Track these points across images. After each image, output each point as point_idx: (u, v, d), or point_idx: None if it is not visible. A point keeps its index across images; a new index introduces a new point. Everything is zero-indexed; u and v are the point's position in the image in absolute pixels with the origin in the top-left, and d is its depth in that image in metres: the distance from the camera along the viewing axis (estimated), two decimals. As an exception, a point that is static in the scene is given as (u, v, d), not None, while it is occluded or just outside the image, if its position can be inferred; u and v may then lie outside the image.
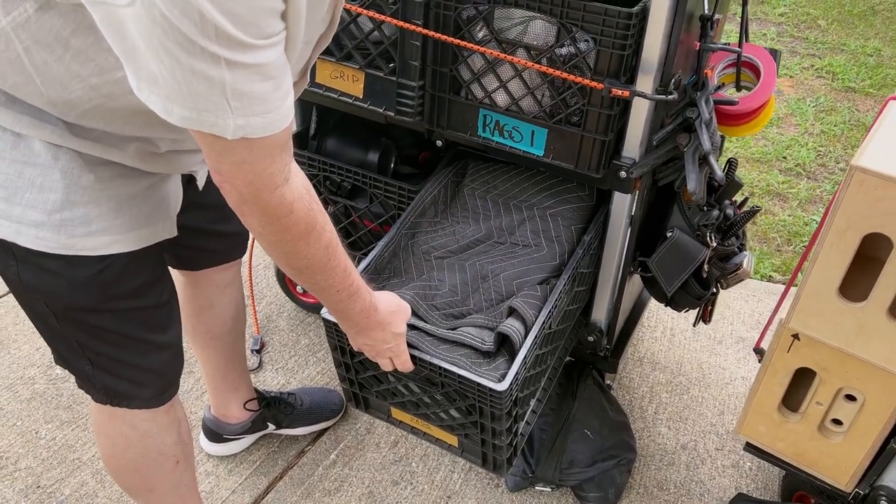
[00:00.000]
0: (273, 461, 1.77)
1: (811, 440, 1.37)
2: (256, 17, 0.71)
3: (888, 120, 1.15)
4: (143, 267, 1.10)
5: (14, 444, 1.78)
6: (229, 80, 0.72)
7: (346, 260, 1.02)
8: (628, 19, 1.16)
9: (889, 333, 1.14)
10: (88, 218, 0.99)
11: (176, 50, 0.69)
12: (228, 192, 0.86)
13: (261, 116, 0.78)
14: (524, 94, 1.32)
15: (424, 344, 1.22)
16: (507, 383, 1.15)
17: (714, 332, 2.16)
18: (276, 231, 0.91)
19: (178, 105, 0.74)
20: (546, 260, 1.34)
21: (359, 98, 1.48)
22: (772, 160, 2.95)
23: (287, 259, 0.96)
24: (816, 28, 4.08)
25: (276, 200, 0.86)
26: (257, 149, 0.81)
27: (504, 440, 1.26)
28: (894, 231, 1.05)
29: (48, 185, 0.96)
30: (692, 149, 1.26)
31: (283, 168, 0.86)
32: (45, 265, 1.00)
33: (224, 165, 0.83)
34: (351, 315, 1.10)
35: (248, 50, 0.72)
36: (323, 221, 0.95)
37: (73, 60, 0.86)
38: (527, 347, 1.19)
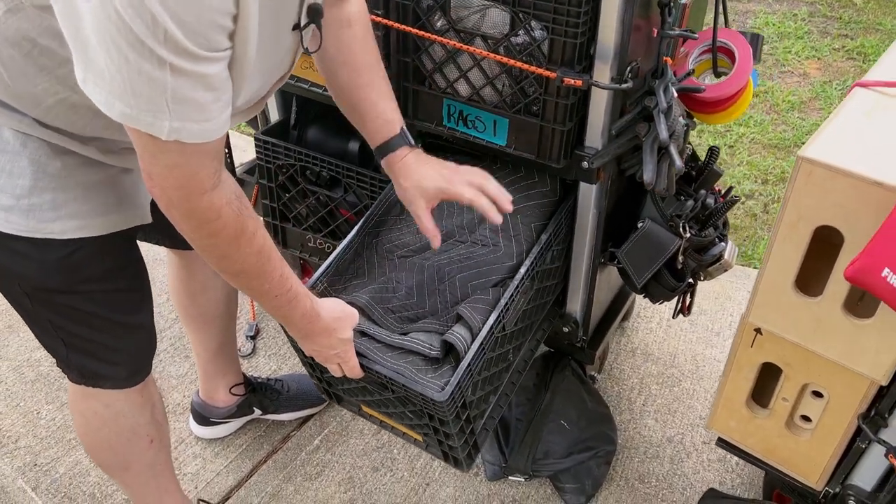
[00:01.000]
0: (259, 445, 1.81)
1: (780, 437, 1.33)
2: (204, 30, 0.76)
3: (848, 107, 1.10)
4: (112, 251, 1.14)
5: (16, 423, 1.87)
6: (171, 84, 0.77)
7: (282, 266, 1.04)
8: (579, 6, 1.13)
9: (845, 329, 1.10)
10: (56, 203, 1.04)
11: (125, 47, 0.73)
12: (158, 196, 0.89)
13: (197, 123, 0.82)
14: (484, 84, 1.31)
15: (373, 351, 1.22)
16: (448, 393, 1.14)
17: (712, 323, 2.12)
18: (206, 235, 0.94)
19: (119, 101, 0.78)
20: (503, 260, 1.33)
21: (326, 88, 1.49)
22: (790, 146, 2.86)
23: (220, 263, 0.99)
24: (851, 7, 3.91)
25: (204, 205, 0.90)
26: (190, 154, 0.85)
27: (457, 441, 1.26)
28: (844, 224, 1.02)
29: (17, 172, 1.01)
30: (651, 138, 1.23)
31: (213, 174, 0.89)
32: (15, 248, 1.05)
33: (156, 168, 0.86)
34: (293, 320, 1.11)
35: (193, 59, 0.77)
36: (254, 227, 0.98)
37: (40, 55, 0.92)
38: (471, 355, 1.18)
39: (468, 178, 1.18)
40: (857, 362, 1.12)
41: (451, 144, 1.50)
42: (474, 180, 1.18)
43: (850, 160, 0.98)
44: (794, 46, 3.53)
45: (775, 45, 3.57)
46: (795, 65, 3.41)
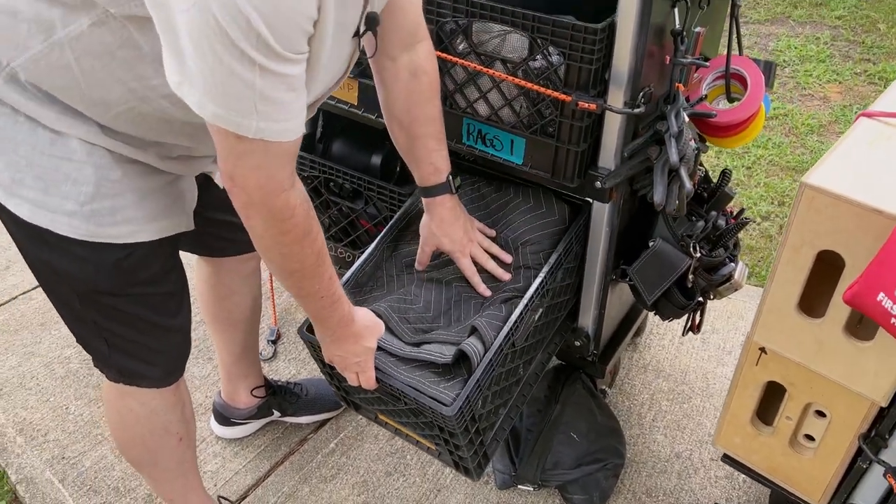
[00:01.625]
0: (276, 446, 1.87)
1: (783, 455, 1.36)
2: (291, 33, 0.84)
3: (853, 136, 1.15)
4: (159, 256, 1.21)
5: (45, 417, 1.94)
6: (259, 84, 0.85)
7: (332, 268, 1.11)
8: (594, 35, 1.19)
9: (846, 351, 1.13)
10: (115, 209, 1.11)
11: (220, 50, 0.81)
12: (237, 195, 0.97)
13: (280, 123, 0.90)
14: (503, 105, 1.36)
15: (387, 364, 1.27)
16: (457, 408, 1.19)
17: (724, 342, 2.15)
18: (277, 233, 1.00)
19: (211, 102, 0.86)
20: (513, 282, 1.38)
21: (353, 105, 1.56)
22: (807, 169, 2.86)
23: (281, 261, 1.05)
24: (875, 32, 3.92)
25: (281, 203, 0.97)
26: (272, 153, 0.92)
27: (467, 452, 1.30)
28: (845, 249, 1.05)
29: (82, 179, 1.08)
30: (661, 161, 1.28)
31: (290, 174, 0.97)
32: (74, 251, 1.12)
33: (239, 169, 0.94)
34: (329, 323, 1.18)
35: (280, 60, 0.85)
36: (317, 229, 1.06)
37: (117, 68, 0.99)
38: (480, 371, 1.22)
39: (476, 253, 1.39)
40: (857, 383, 1.15)
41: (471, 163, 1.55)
42: (479, 258, 1.39)
43: (851, 188, 1.02)
44: (816, 70, 3.55)
45: (796, 69, 3.59)
46: (816, 88, 3.43)
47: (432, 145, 1.29)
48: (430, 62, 1.24)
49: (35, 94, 1.03)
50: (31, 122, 1.05)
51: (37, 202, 1.07)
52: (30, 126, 1.05)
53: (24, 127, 1.05)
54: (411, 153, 1.31)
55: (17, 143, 1.05)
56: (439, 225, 1.36)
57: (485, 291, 1.38)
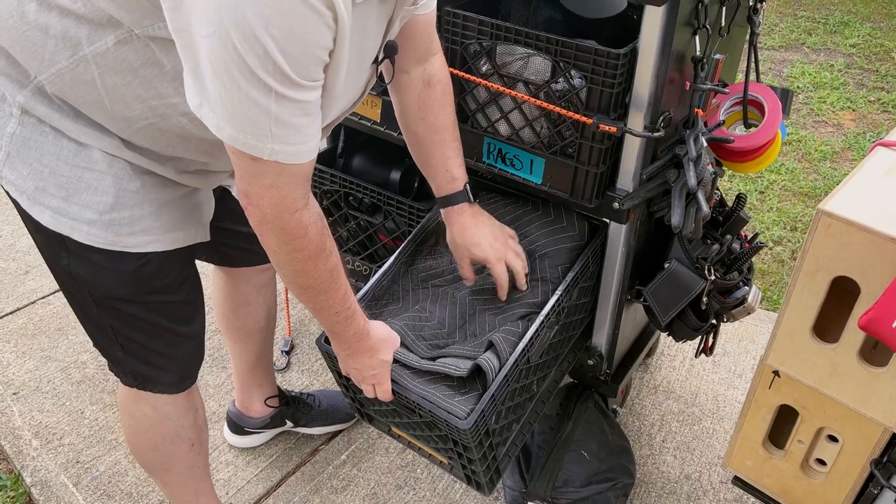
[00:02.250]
0: (288, 457, 1.89)
1: (795, 478, 1.37)
2: (307, 62, 0.88)
3: (868, 165, 1.17)
4: (175, 266, 1.24)
5: (61, 421, 1.97)
6: (275, 110, 0.88)
7: (346, 284, 1.14)
8: (616, 59, 1.21)
9: (859, 376, 1.15)
10: (133, 219, 1.14)
11: (238, 76, 0.84)
12: (252, 213, 1.00)
13: (294, 146, 0.93)
14: (524, 126, 1.39)
15: (403, 377, 1.29)
16: (472, 422, 1.20)
17: (735, 364, 2.15)
18: (291, 250, 1.03)
19: (228, 125, 0.90)
20: (530, 297, 1.40)
21: (376, 122, 1.59)
22: (820, 195, 2.89)
23: (295, 277, 1.08)
24: (889, 60, 3.95)
25: (294, 222, 1.00)
26: (286, 174, 0.96)
27: (480, 467, 1.32)
28: (861, 275, 1.07)
29: (102, 189, 1.11)
30: (680, 184, 1.30)
31: (304, 195, 1.00)
32: (92, 258, 1.15)
33: (254, 188, 0.97)
34: (345, 337, 1.20)
35: (295, 87, 0.88)
36: (331, 246, 1.08)
37: (139, 86, 1.03)
38: (496, 385, 1.24)
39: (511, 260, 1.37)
40: (870, 409, 1.16)
41: (489, 181, 1.58)
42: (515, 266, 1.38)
43: (867, 216, 1.04)
44: (830, 97, 3.58)
45: (810, 95, 3.62)
46: (830, 115, 3.45)
47: (448, 153, 1.31)
48: (443, 71, 1.28)
49: (60, 107, 1.06)
50: (56, 133, 1.08)
51: (58, 210, 1.11)
52: (55, 137, 1.08)
53: (50, 137, 1.08)
54: (428, 162, 1.33)
55: (43, 152, 1.09)
56: (461, 234, 1.36)
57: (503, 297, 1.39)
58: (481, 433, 1.26)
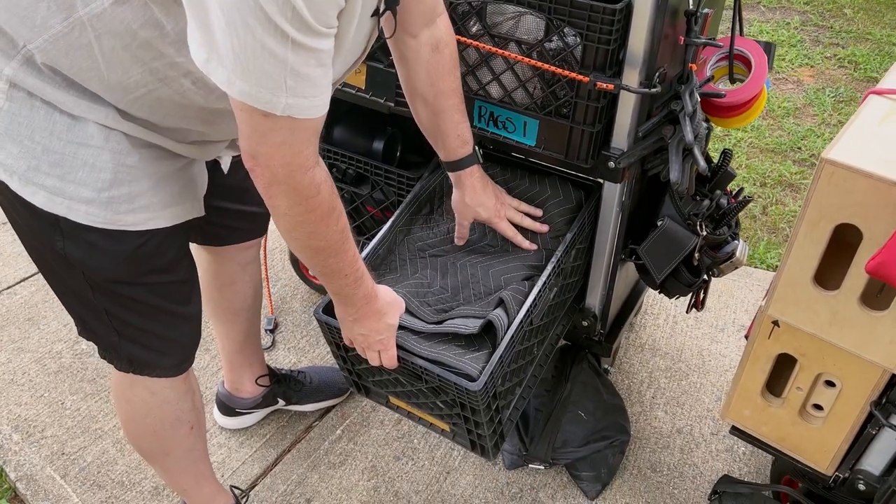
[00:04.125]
0: (282, 435, 1.86)
1: (793, 425, 1.41)
2: (325, 6, 0.84)
3: (864, 113, 1.18)
4: (173, 243, 1.20)
5: (41, 413, 1.90)
6: (291, 59, 0.84)
7: (354, 246, 1.11)
8: (612, 15, 1.20)
9: (860, 321, 1.17)
10: (132, 195, 1.09)
11: (254, 24, 0.80)
12: (260, 174, 0.95)
13: (308, 99, 0.88)
14: (516, 87, 1.37)
15: (409, 342, 1.27)
16: (482, 384, 1.20)
17: (716, 320, 2.20)
18: (303, 211, 0.99)
19: (240, 79, 0.85)
20: (531, 259, 1.40)
21: (361, 89, 1.55)
22: (786, 150, 2.95)
23: (306, 240, 1.04)
24: (842, 17, 4.03)
25: (307, 181, 0.96)
26: (299, 130, 0.91)
27: (486, 430, 1.31)
28: (863, 222, 1.09)
29: (99, 165, 1.05)
30: (676, 140, 1.30)
31: (315, 151, 0.96)
32: (90, 239, 1.09)
33: (263, 147, 0.92)
34: (354, 300, 1.17)
35: (312, 34, 0.84)
36: (340, 206, 1.05)
37: (138, 48, 0.97)
38: (503, 347, 1.24)
39: (511, 215, 1.42)
40: (871, 352, 1.19)
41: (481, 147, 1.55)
42: (514, 218, 1.42)
43: (869, 162, 1.06)
44: (788, 54, 3.64)
45: (770, 53, 3.67)
46: (789, 72, 3.51)
47: (457, 118, 1.29)
48: (450, 34, 1.24)
49: (52, 78, 1.00)
50: (47, 107, 1.02)
51: (53, 189, 1.05)
52: (46, 111, 1.02)
53: (41, 112, 1.02)
54: (437, 128, 1.30)
55: (34, 128, 1.02)
56: (472, 196, 1.36)
57: (530, 245, 1.42)
58: (489, 395, 1.26)
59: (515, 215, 1.43)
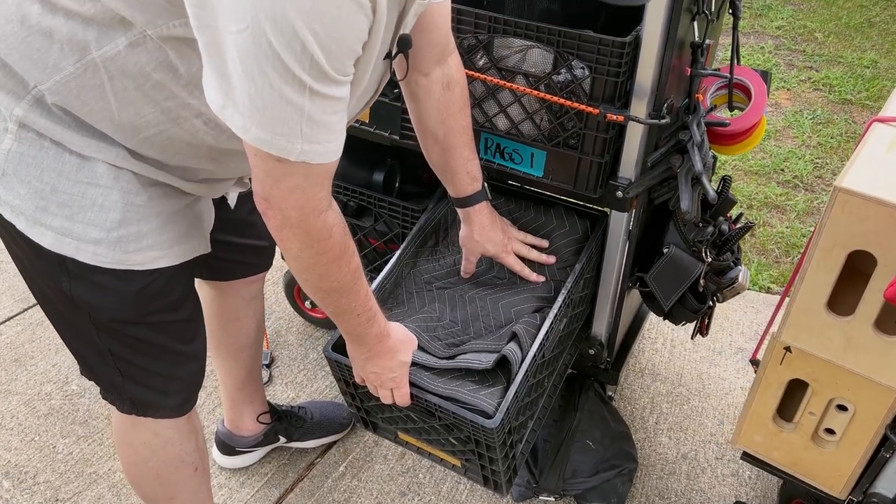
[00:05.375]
0: (284, 473, 1.82)
1: (805, 449, 1.41)
2: (343, 55, 0.84)
3: (871, 141, 1.20)
4: (179, 282, 1.18)
5: (32, 458, 1.84)
6: (308, 107, 0.83)
7: (367, 285, 1.10)
8: (621, 48, 1.21)
9: (875, 346, 1.18)
10: (140, 234, 1.08)
11: (272, 73, 0.79)
12: (272, 217, 0.95)
13: (322, 144, 0.88)
14: (523, 119, 1.38)
15: (422, 379, 1.26)
16: (499, 420, 1.18)
17: (714, 343, 2.21)
18: (315, 253, 0.99)
19: (256, 126, 0.84)
20: (540, 291, 1.39)
21: (365, 122, 1.54)
22: (770, 173, 3.00)
23: (318, 281, 1.04)
24: (813, 41, 4.13)
25: (320, 224, 0.96)
26: (313, 175, 0.91)
27: (501, 466, 1.30)
28: (877, 248, 1.10)
29: (108, 205, 1.04)
30: (685, 169, 1.32)
31: (328, 195, 0.96)
32: (97, 280, 1.07)
33: (277, 191, 0.92)
34: (366, 339, 1.16)
35: (330, 83, 0.84)
36: (353, 247, 1.04)
37: (151, 88, 0.96)
38: (518, 382, 1.23)
39: (518, 248, 1.43)
40: (885, 376, 1.20)
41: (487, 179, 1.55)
42: (521, 251, 1.43)
43: (881, 190, 1.07)
44: (765, 78, 3.71)
45: (747, 77, 3.75)
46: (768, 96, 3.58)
47: (467, 154, 1.30)
48: (461, 72, 1.25)
49: (62, 118, 0.99)
50: (56, 147, 1.01)
51: (61, 230, 1.03)
52: (56, 151, 1.01)
53: (50, 152, 1.01)
54: (447, 165, 1.31)
55: (43, 169, 1.01)
56: (481, 232, 1.36)
57: (538, 278, 1.42)
58: (506, 431, 1.24)
59: (522, 248, 1.43)
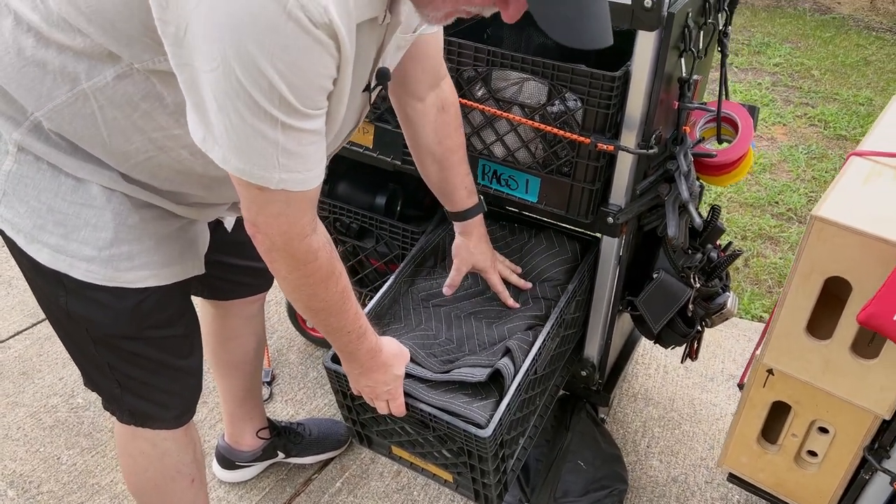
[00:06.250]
0: (281, 488, 1.86)
1: (789, 471, 1.45)
2: (311, 92, 0.88)
3: (849, 173, 1.27)
4: (173, 300, 1.23)
5: (37, 468, 1.88)
6: (282, 140, 0.88)
7: (356, 304, 1.15)
8: (612, 82, 1.28)
9: (852, 369, 1.23)
10: (132, 254, 1.13)
11: (243, 110, 0.84)
12: (261, 241, 1.00)
13: (301, 173, 0.93)
14: (519, 147, 1.44)
15: (418, 391, 1.31)
16: (491, 430, 1.23)
17: (706, 369, 2.25)
18: (301, 276, 1.04)
19: (235, 157, 0.90)
20: (533, 310, 1.45)
21: (369, 148, 1.61)
22: (764, 205, 3.07)
23: (307, 301, 1.09)
24: (810, 78, 4.23)
25: (304, 248, 1.00)
26: (294, 202, 0.96)
27: (492, 479, 1.34)
28: (853, 275, 1.16)
29: (101, 225, 1.09)
30: (672, 197, 1.38)
31: (312, 220, 1.01)
32: (91, 296, 1.13)
33: (262, 217, 0.97)
34: (358, 356, 1.21)
35: (301, 117, 0.88)
36: (340, 269, 1.09)
37: (139, 118, 1.02)
38: (511, 394, 1.27)
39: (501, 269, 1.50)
40: (862, 398, 1.25)
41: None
42: (503, 273, 1.50)
43: (856, 219, 1.13)
44: (762, 113, 3.80)
45: (744, 111, 3.84)
46: (763, 130, 3.66)
47: (463, 170, 1.37)
48: (453, 94, 1.32)
49: (58, 143, 1.05)
50: (53, 170, 1.06)
51: (56, 248, 1.09)
52: (52, 173, 1.07)
53: (47, 174, 1.07)
54: (445, 182, 1.37)
55: (40, 189, 1.07)
56: (477, 244, 1.43)
57: (514, 304, 1.47)
58: (497, 443, 1.28)
59: (504, 270, 1.50)
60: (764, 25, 5.11)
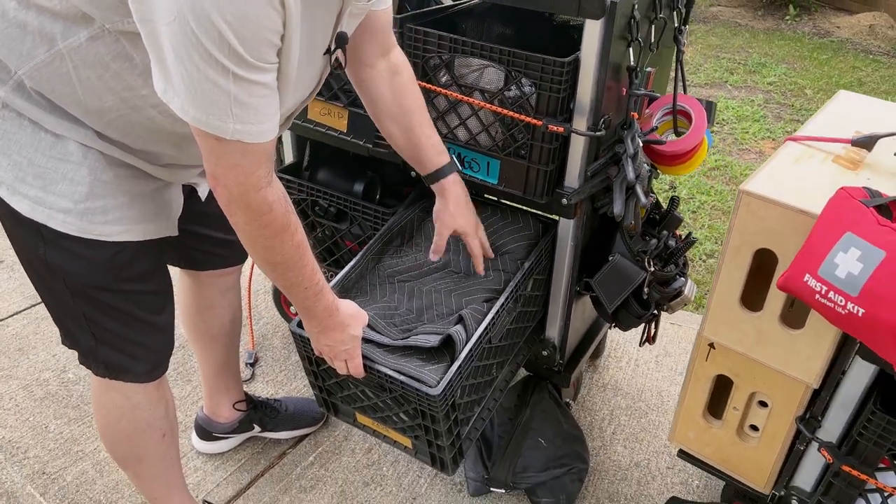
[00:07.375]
0: (256, 460, 1.94)
1: (733, 445, 1.51)
2: (258, 44, 0.96)
3: (781, 155, 1.35)
4: (146, 256, 1.32)
5: (25, 435, 1.97)
6: (234, 90, 0.97)
7: (313, 261, 1.23)
8: (562, 67, 1.38)
9: (781, 339, 1.30)
10: (106, 208, 1.22)
11: (197, 59, 0.93)
12: (220, 193, 1.09)
13: (254, 125, 1.02)
14: (480, 131, 1.54)
15: (375, 354, 1.39)
16: (441, 389, 1.31)
17: (676, 364, 2.31)
18: (258, 227, 1.12)
19: (192, 107, 0.98)
20: (491, 284, 1.53)
21: (343, 132, 1.71)
22: (747, 213, 3.13)
23: (264, 253, 1.17)
24: (803, 96, 4.31)
25: (259, 199, 1.09)
26: (249, 153, 1.04)
27: (445, 441, 1.41)
28: (778, 246, 1.23)
29: (77, 179, 1.18)
30: (620, 178, 1.46)
31: (267, 173, 1.09)
32: (68, 247, 1.22)
33: (220, 168, 1.05)
34: (316, 313, 1.29)
35: (251, 69, 0.97)
36: (296, 223, 1.17)
37: (111, 79, 1.11)
38: (462, 358, 1.35)
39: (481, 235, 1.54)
40: (792, 368, 1.32)
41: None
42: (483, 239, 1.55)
43: (780, 193, 1.21)
44: (752, 128, 3.88)
45: (734, 126, 3.92)
46: (752, 144, 3.74)
47: (428, 131, 1.43)
48: (405, 60, 1.40)
49: (38, 101, 1.14)
50: (34, 126, 1.16)
51: (36, 199, 1.18)
52: (33, 129, 1.16)
53: (28, 130, 1.16)
54: (412, 142, 1.43)
55: (21, 144, 1.16)
56: (457, 204, 1.47)
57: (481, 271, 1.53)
58: (448, 403, 1.36)
59: (484, 238, 1.55)
60: (762, 47, 5.20)
